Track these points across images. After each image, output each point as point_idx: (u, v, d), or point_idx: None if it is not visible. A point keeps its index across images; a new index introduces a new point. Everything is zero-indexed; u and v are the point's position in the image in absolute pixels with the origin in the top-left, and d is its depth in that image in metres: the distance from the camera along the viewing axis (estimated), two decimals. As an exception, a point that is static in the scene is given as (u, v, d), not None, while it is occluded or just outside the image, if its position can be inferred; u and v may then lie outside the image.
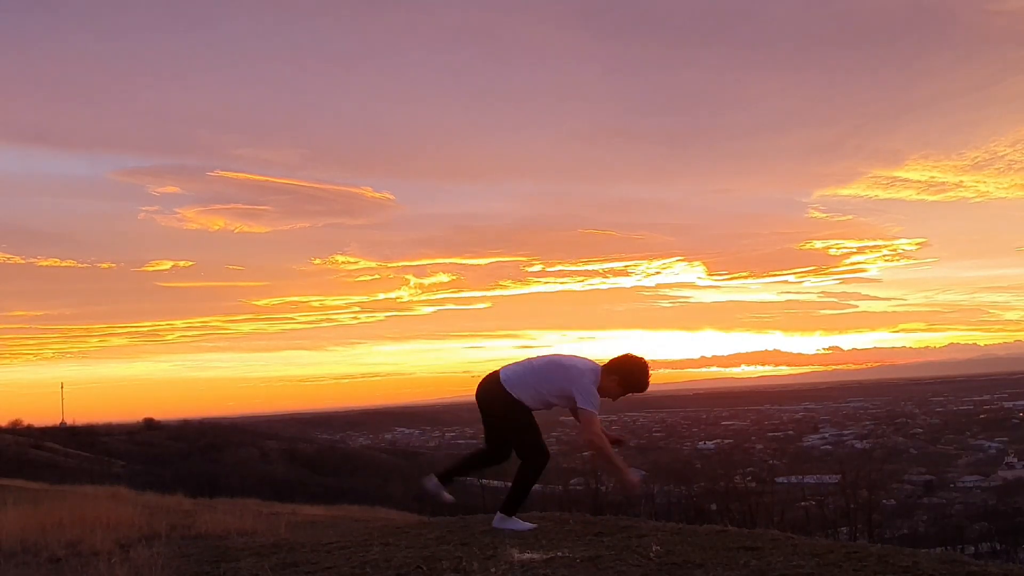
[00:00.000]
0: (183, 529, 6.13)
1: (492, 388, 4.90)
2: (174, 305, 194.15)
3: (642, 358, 4.90)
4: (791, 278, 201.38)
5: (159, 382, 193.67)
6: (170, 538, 5.71)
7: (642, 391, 4.94)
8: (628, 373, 4.87)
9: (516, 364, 5.00)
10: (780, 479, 25.89)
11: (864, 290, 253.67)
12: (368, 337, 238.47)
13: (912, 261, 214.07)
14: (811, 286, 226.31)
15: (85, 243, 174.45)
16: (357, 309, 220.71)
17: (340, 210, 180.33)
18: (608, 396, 4.87)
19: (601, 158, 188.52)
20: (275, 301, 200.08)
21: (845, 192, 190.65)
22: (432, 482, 5.14)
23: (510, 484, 4.96)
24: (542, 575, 3.75)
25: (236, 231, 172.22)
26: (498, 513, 5.01)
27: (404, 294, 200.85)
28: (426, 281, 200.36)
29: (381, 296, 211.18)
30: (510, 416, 4.85)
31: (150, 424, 67.88)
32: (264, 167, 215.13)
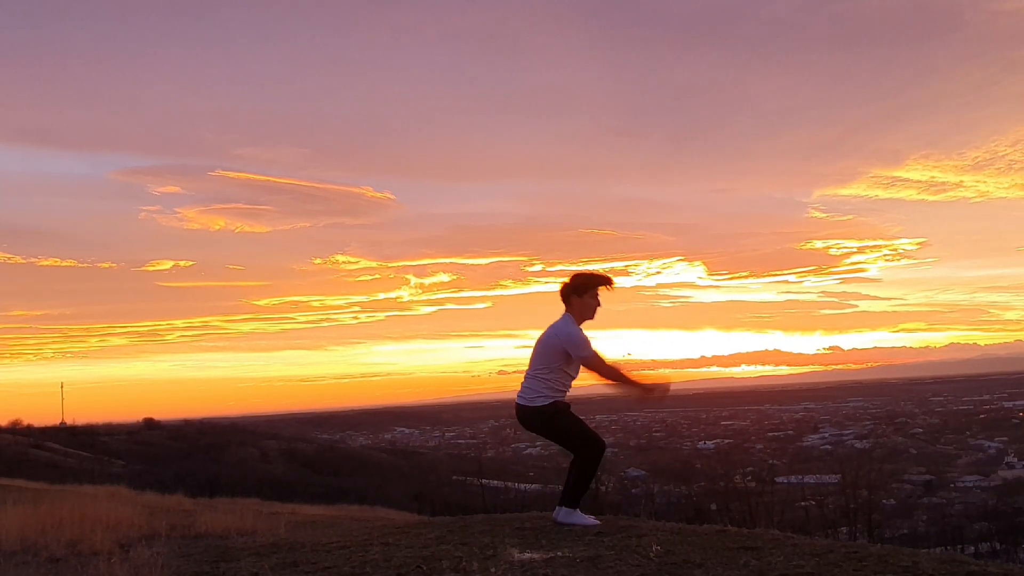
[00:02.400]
0: (183, 529, 6.13)
1: (522, 415, 5.06)
2: (174, 305, 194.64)
3: (576, 271, 5.08)
4: (791, 278, 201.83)
5: (159, 382, 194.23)
6: (170, 538, 5.70)
7: (605, 282, 5.04)
8: (581, 284, 5.00)
9: (523, 383, 5.12)
10: (780, 479, 25.85)
11: (864, 290, 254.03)
12: (368, 337, 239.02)
13: (912, 261, 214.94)
14: (811, 286, 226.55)
15: (85, 243, 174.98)
16: (357, 309, 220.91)
17: (341, 210, 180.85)
18: (590, 313, 5.03)
19: (601, 158, 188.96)
20: (275, 301, 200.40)
21: (845, 192, 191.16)
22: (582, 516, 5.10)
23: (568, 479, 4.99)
24: (542, 575, 3.75)
25: (237, 231, 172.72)
26: (561, 508, 5.00)
27: (404, 294, 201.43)
28: (426, 281, 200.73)
29: (381, 296, 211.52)
30: (549, 425, 5.00)
31: (150, 424, 67.78)
32: (265, 167, 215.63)
